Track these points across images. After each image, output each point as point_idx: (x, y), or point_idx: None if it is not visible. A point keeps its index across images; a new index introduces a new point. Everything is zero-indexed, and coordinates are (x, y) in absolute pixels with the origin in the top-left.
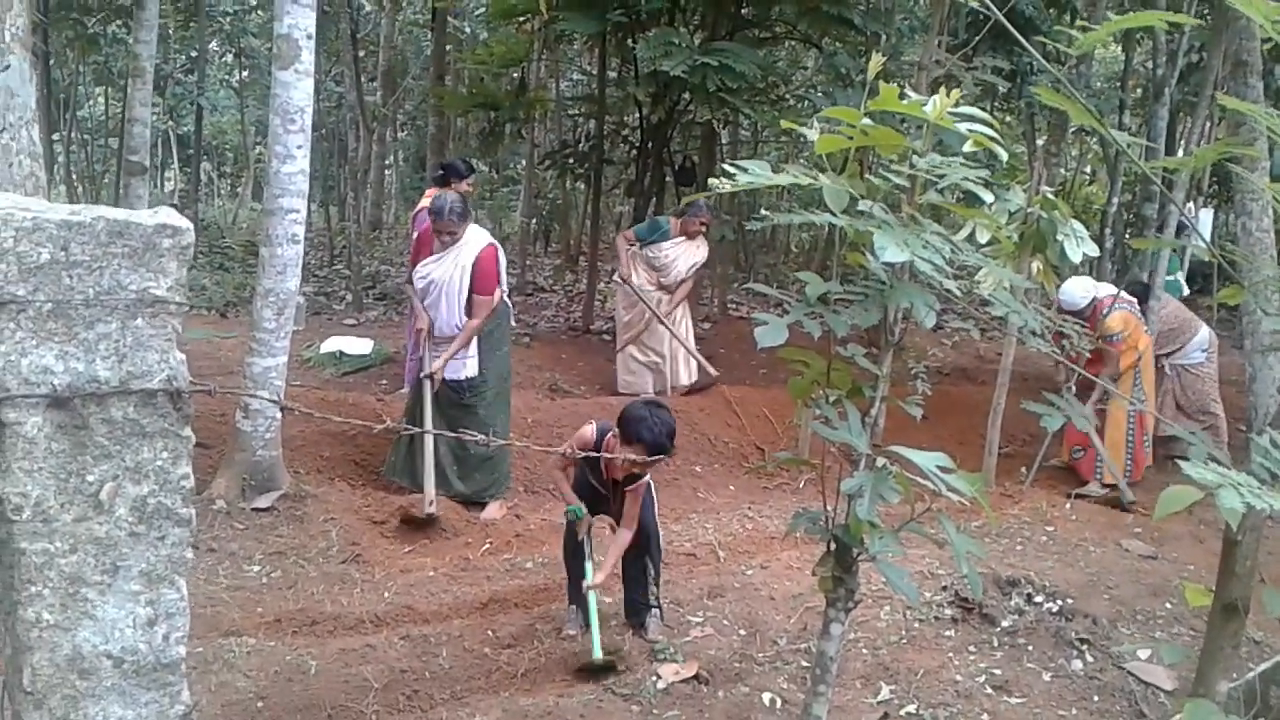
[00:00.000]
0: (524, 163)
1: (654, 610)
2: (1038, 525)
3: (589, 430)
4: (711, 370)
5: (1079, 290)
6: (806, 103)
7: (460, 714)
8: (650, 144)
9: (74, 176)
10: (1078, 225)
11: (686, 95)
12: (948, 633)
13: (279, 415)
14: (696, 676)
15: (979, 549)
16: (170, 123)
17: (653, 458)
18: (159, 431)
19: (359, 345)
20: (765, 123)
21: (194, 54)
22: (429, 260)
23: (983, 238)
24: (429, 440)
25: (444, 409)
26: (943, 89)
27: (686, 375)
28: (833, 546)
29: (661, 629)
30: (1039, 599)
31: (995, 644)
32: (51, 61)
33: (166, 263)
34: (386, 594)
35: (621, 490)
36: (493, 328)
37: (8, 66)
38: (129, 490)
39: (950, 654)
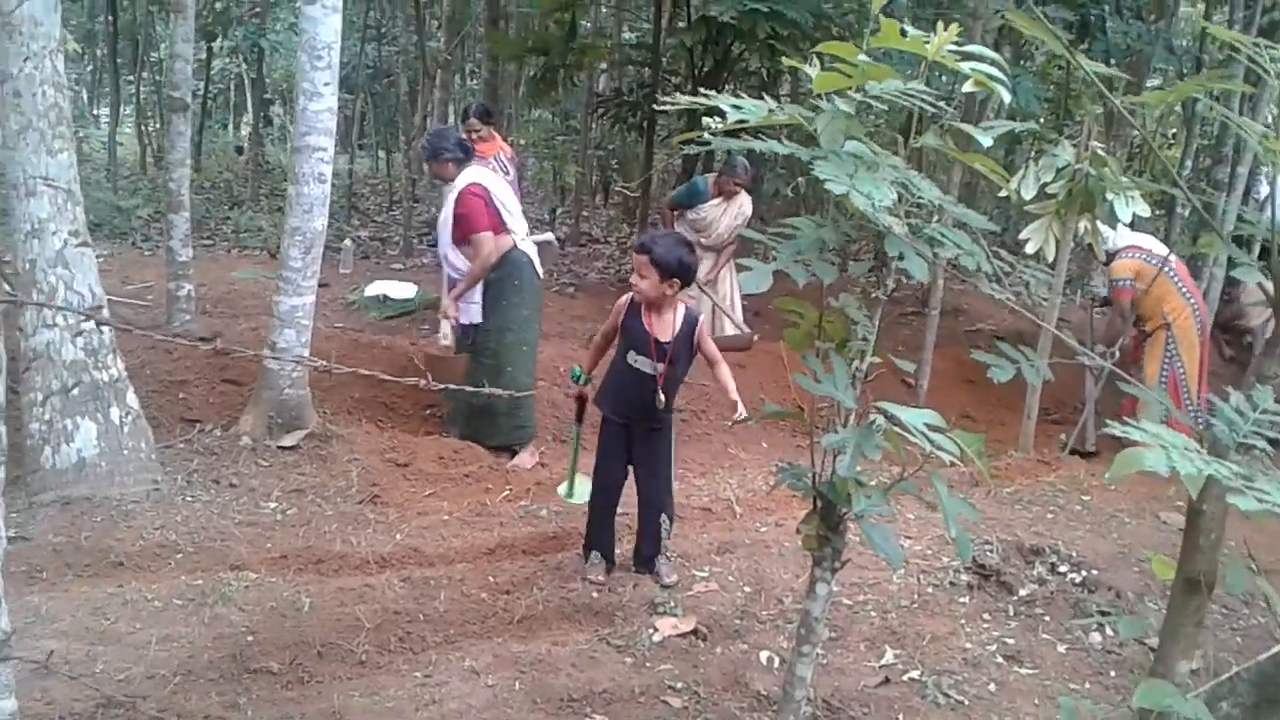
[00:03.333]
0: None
1: (663, 558)
2: (1073, 494)
3: (623, 299)
4: (744, 329)
5: None
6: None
7: (450, 657)
8: (701, 88)
9: (148, 116)
10: (1127, 183)
11: (741, 44)
12: (961, 599)
13: (306, 354)
14: (694, 631)
15: (971, 511)
16: (244, 66)
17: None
18: None
19: (402, 290)
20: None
21: None
22: None
23: (1029, 191)
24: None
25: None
26: (940, 24)
27: (733, 327)
28: (819, 504)
29: (674, 569)
30: (1063, 569)
31: (1011, 613)
32: (124, 5)
33: None
34: (397, 535)
35: (669, 357)
36: (499, 276)
37: None
38: None
39: (962, 621)
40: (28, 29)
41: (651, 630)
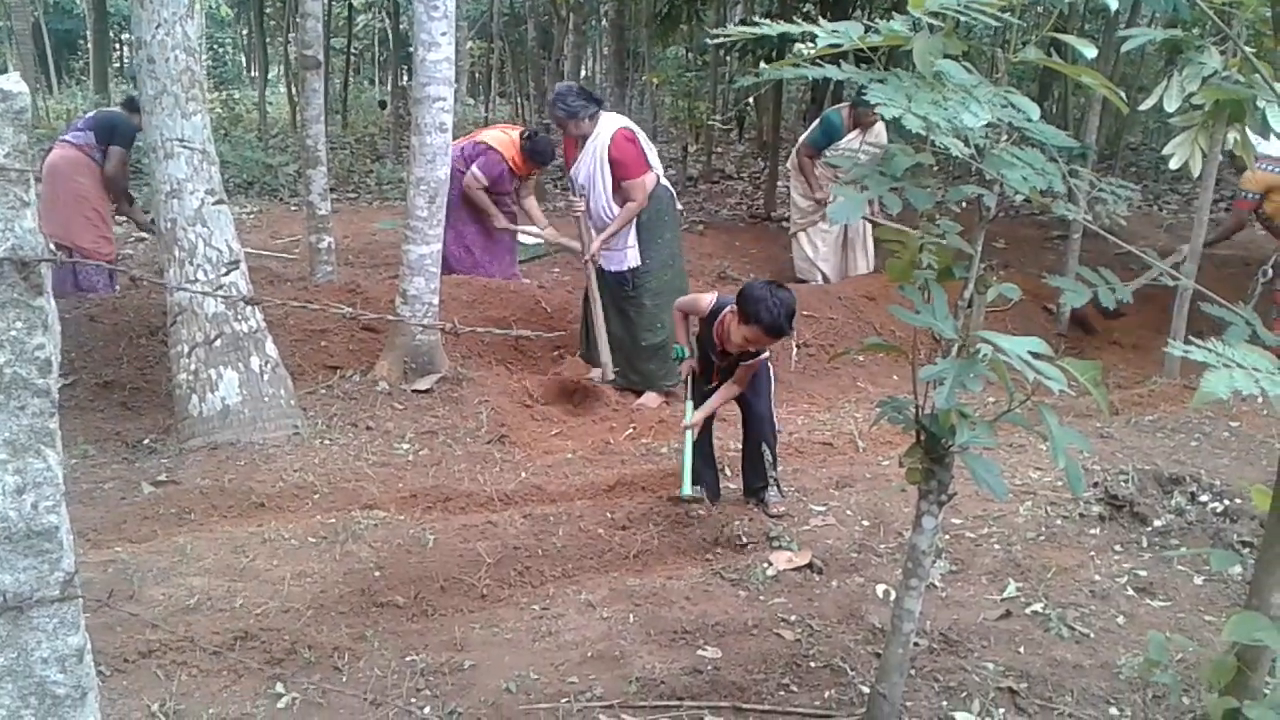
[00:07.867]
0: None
1: (772, 488)
2: (1220, 420)
3: (707, 299)
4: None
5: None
6: None
7: (568, 591)
8: (829, 17)
9: (296, 75)
10: None
11: None
12: (1092, 531)
13: (435, 301)
14: (810, 565)
15: (1082, 441)
16: (386, 21)
17: (771, 339)
18: (9, 301)
19: (534, 235)
20: None
21: None
22: (578, 160)
23: (1172, 104)
24: (599, 319)
25: (614, 302)
26: None
27: (865, 263)
28: (922, 437)
29: (781, 501)
30: (1203, 498)
31: (1144, 544)
32: None
33: (1, 129)
34: (522, 474)
35: (733, 364)
36: (649, 216)
37: None
38: None
39: (1091, 553)
40: None
41: (766, 564)
